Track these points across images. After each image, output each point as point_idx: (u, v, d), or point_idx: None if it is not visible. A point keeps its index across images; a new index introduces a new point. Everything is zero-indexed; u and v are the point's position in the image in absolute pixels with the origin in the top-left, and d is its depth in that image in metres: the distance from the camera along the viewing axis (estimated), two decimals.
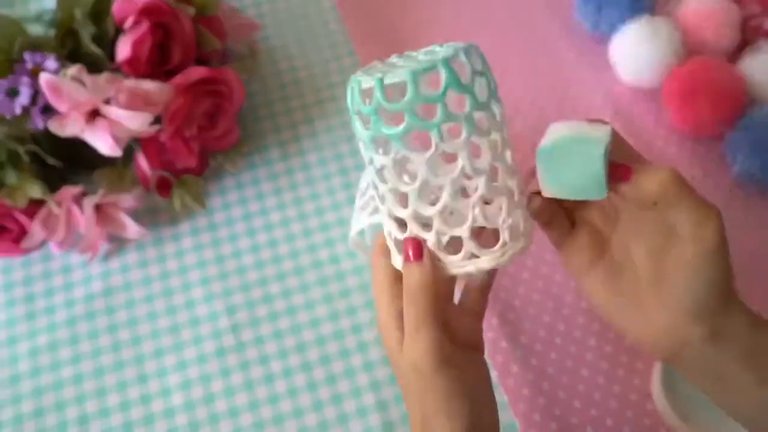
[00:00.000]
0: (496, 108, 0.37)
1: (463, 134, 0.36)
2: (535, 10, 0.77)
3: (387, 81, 0.36)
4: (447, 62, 0.35)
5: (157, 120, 0.58)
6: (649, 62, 0.68)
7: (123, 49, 0.59)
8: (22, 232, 0.61)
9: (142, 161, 0.60)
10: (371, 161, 0.39)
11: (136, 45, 0.58)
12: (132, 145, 0.60)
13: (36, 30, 0.65)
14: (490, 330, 0.59)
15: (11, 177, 0.59)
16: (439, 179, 0.37)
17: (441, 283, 0.39)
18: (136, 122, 0.56)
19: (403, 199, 0.39)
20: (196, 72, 0.60)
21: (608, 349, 0.59)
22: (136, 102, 0.57)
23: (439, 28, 0.76)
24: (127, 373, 0.58)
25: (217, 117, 0.64)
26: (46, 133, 0.57)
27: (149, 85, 0.57)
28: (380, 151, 0.38)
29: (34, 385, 0.58)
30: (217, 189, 0.67)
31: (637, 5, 0.70)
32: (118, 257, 0.64)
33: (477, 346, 0.43)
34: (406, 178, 0.39)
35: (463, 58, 0.36)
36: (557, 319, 0.60)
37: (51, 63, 0.57)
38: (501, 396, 0.57)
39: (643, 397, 0.57)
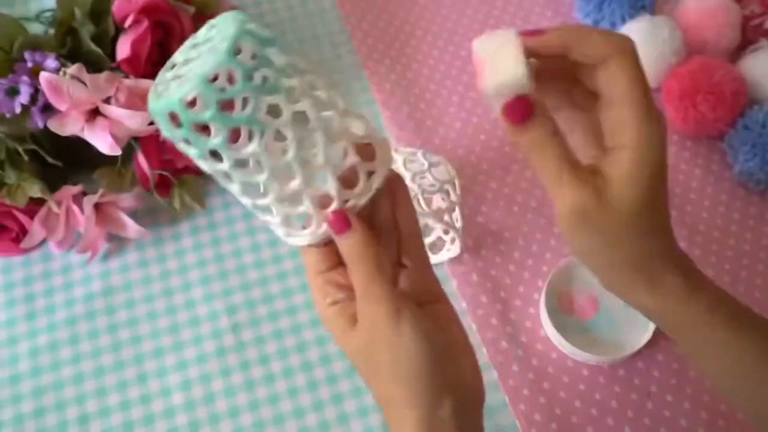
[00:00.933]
0: (281, 59, 0.36)
1: (284, 111, 0.35)
2: (536, 9, 0.77)
3: (187, 97, 0.34)
4: (230, 53, 0.33)
5: None
6: (650, 62, 0.67)
7: (123, 48, 0.58)
8: (22, 232, 0.61)
9: (142, 160, 0.60)
10: (215, 172, 0.38)
11: (136, 44, 0.58)
12: (132, 145, 0.60)
13: (36, 29, 0.65)
14: (490, 330, 0.59)
15: (11, 176, 0.58)
16: (283, 158, 0.36)
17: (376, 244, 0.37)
18: (135, 121, 0.55)
19: (261, 190, 0.38)
20: None
21: None
22: (135, 101, 0.57)
23: (439, 27, 0.76)
24: (128, 373, 0.58)
25: None
26: (46, 132, 0.57)
27: (149, 84, 0.57)
28: (217, 159, 0.37)
29: (35, 384, 0.58)
30: (217, 188, 0.67)
31: (638, 4, 0.70)
32: (118, 257, 0.63)
33: (437, 298, 0.40)
34: (252, 171, 0.38)
35: (243, 40, 0.34)
36: None
37: (51, 62, 0.56)
38: (501, 396, 0.57)
39: (644, 397, 0.57)
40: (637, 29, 0.68)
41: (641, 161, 0.34)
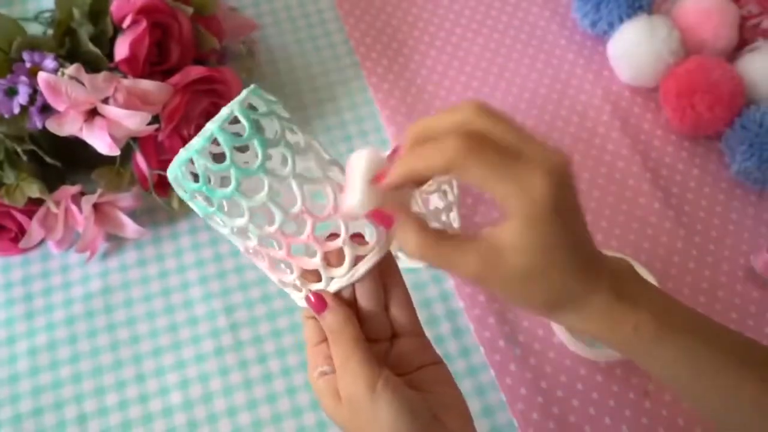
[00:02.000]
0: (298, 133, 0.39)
1: (289, 160, 0.37)
2: (534, 9, 0.77)
3: (199, 147, 0.36)
4: (240, 104, 0.36)
5: (155, 119, 0.58)
6: (647, 61, 0.68)
7: (121, 49, 0.59)
8: (21, 232, 0.61)
9: (141, 160, 0.60)
10: (233, 230, 0.39)
11: (134, 44, 0.58)
12: (130, 145, 0.60)
13: (34, 29, 0.65)
14: (488, 329, 0.59)
15: (10, 176, 0.59)
16: (292, 210, 0.38)
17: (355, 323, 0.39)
18: (134, 121, 0.56)
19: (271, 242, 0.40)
20: (194, 71, 0.60)
21: None
22: (134, 101, 0.57)
23: (437, 27, 0.76)
24: (126, 372, 0.58)
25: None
26: (45, 132, 0.57)
27: (147, 84, 0.57)
28: (233, 215, 0.39)
29: (33, 384, 0.58)
30: None
31: (636, 4, 0.70)
32: (117, 256, 0.64)
33: (429, 361, 0.41)
34: (266, 225, 0.40)
35: (253, 97, 0.37)
36: None
37: (49, 62, 0.57)
38: (499, 395, 0.57)
39: (641, 396, 0.57)
40: (634, 29, 0.68)
41: (523, 233, 0.34)
